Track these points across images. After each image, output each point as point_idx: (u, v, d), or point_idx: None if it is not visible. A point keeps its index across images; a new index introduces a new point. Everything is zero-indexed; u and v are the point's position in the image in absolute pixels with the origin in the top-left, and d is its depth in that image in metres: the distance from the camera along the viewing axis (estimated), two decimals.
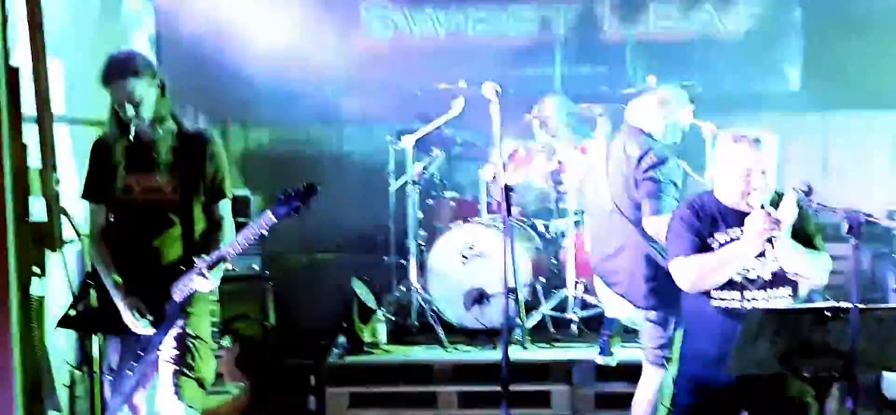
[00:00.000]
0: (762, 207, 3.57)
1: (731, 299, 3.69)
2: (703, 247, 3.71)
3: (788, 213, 3.57)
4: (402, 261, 6.33)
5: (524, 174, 6.16)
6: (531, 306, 5.96)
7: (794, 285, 3.72)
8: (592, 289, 5.78)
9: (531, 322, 5.90)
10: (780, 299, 3.69)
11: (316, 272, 6.73)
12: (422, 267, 6.13)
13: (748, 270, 3.67)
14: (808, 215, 3.72)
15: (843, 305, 3.27)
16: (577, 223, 5.98)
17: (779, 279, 3.69)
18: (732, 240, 3.67)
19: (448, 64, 6.54)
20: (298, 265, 6.77)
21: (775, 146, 3.72)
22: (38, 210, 3.39)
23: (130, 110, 3.75)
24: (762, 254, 3.61)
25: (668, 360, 4.42)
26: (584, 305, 6.00)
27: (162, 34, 6.71)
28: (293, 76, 6.47)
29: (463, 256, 6.00)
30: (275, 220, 3.71)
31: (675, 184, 4.36)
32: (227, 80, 6.58)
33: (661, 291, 4.30)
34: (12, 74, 3.08)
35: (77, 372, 4.66)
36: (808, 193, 3.56)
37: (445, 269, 6.03)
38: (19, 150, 3.10)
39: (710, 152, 5.05)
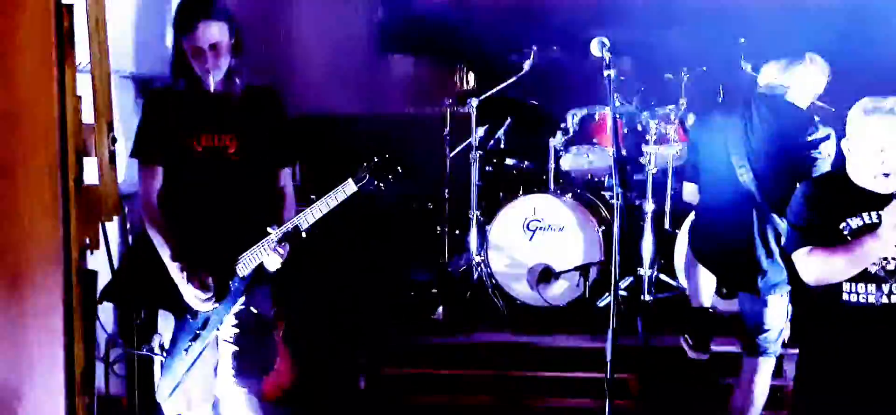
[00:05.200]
0: None
1: (867, 294, 3.23)
2: (831, 234, 3.24)
3: None
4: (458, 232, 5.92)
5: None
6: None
7: None
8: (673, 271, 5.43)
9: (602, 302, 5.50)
10: None
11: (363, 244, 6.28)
12: (482, 240, 5.71)
13: (888, 260, 3.21)
14: None
15: None
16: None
17: None
18: (865, 226, 3.21)
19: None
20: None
21: None
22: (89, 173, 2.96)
23: (211, 60, 3.34)
24: None
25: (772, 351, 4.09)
26: (662, 288, 5.56)
27: None
28: None
29: (528, 229, 5.59)
30: (356, 189, 3.30)
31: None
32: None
33: (782, 274, 3.98)
34: (65, 12, 2.64)
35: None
36: None
37: (509, 242, 5.61)
38: (73, 101, 2.66)
39: None
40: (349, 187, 3.29)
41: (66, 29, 2.64)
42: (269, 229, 3.35)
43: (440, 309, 5.57)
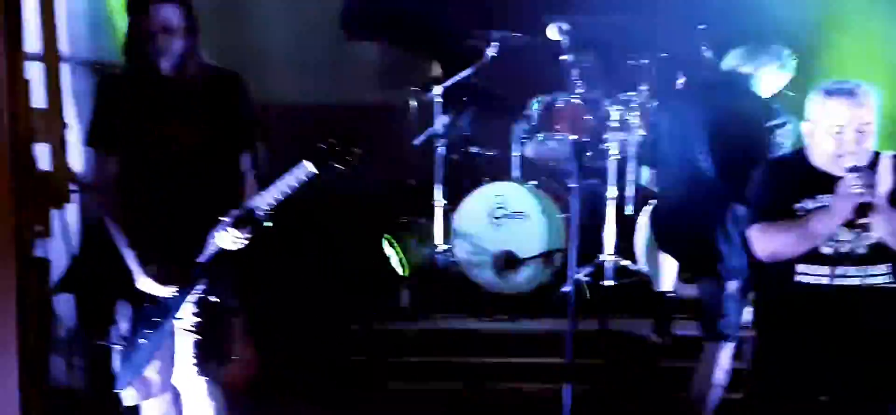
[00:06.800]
0: (856, 169, 3.12)
1: (819, 275, 3.28)
2: (787, 213, 3.29)
3: (886, 177, 3.12)
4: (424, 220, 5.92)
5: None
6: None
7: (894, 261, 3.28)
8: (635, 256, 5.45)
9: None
10: (877, 277, 3.27)
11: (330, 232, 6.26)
12: (447, 228, 5.71)
13: (841, 243, 3.26)
14: None
15: None
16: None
17: (876, 254, 3.26)
18: (822, 207, 3.25)
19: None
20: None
21: (874, 101, 3.26)
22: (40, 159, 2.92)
23: (163, 43, 3.29)
24: (856, 224, 3.18)
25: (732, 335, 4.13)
26: (624, 274, 5.58)
27: None
28: None
29: (494, 217, 5.61)
30: (314, 172, 3.25)
31: None
32: None
33: (742, 259, 3.96)
34: None
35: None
36: None
37: (474, 229, 5.62)
38: (20, 87, 2.62)
39: None
40: (306, 170, 3.25)
41: (14, 12, 2.60)
42: (223, 217, 3.31)
43: (405, 296, 5.57)
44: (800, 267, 3.29)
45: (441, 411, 4.93)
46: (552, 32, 3.58)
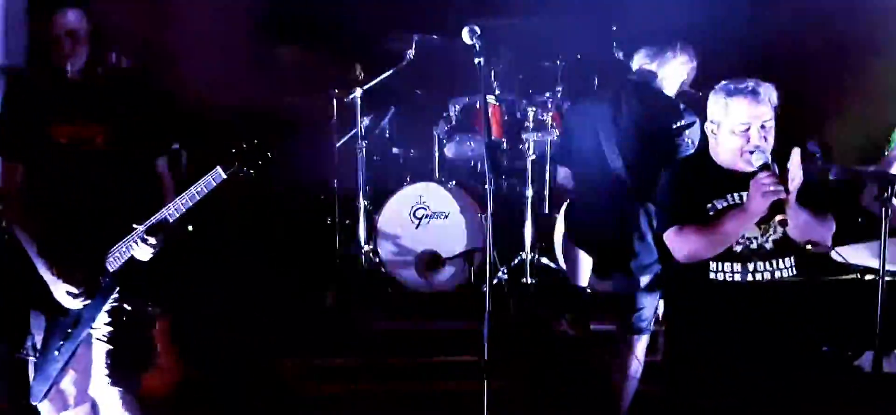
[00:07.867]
0: (766, 166, 3.21)
1: (733, 272, 3.38)
2: (698, 214, 3.37)
3: (797, 172, 3.19)
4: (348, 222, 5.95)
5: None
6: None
7: (798, 254, 3.41)
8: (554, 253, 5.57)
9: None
10: (784, 270, 3.39)
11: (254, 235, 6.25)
12: (370, 229, 5.75)
13: (751, 240, 3.36)
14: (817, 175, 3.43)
15: None
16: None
17: (782, 248, 3.38)
18: (732, 205, 3.35)
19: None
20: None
21: (775, 98, 3.36)
22: None
23: (68, 47, 3.27)
24: (769, 220, 3.25)
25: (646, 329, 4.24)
26: (542, 270, 5.69)
27: None
28: None
29: (415, 217, 5.67)
30: (224, 177, 3.27)
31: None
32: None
33: (653, 255, 4.06)
34: None
35: None
36: (818, 149, 3.28)
37: (396, 230, 5.68)
38: None
39: None
40: (217, 176, 3.26)
41: None
42: (135, 224, 3.29)
43: (330, 298, 5.59)
44: (713, 265, 3.37)
45: (368, 412, 4.97)
46: (466, 36, 3.63)
